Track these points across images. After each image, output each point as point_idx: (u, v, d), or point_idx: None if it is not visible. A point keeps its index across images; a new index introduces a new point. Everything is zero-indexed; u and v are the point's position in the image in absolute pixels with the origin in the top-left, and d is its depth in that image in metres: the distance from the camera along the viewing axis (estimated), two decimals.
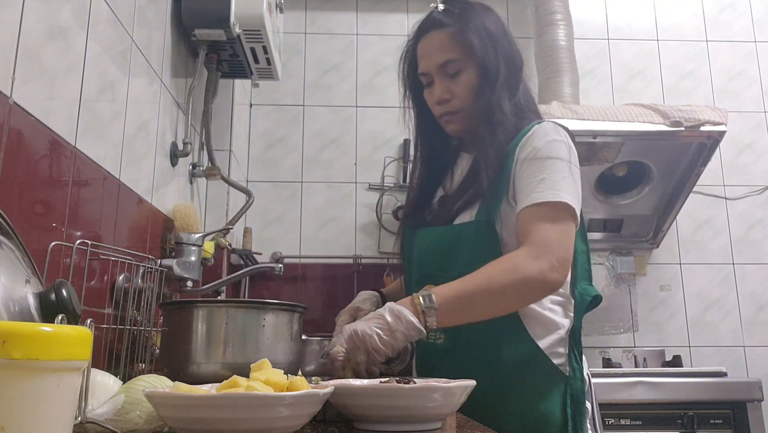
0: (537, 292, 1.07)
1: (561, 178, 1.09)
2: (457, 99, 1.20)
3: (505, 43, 1.21)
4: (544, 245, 1.04)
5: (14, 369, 0.43)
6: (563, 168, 1.10)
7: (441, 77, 1.21)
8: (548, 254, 1.03)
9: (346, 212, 2.62)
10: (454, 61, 1.19)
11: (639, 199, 2.49)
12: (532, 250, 1.03)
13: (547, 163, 1.10)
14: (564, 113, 2.15)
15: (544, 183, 1.08)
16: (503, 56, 1.19)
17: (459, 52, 1.18)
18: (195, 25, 1.69)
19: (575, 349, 1.13)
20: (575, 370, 1.11)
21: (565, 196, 1.07)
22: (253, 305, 1.00)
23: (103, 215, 1.23)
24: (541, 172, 1.09)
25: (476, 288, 1.02)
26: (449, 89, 1.20)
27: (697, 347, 2.54)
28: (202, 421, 0.59)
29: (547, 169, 1.09)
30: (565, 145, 1.13)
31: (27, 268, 0.66)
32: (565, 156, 1.11)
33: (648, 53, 2.80)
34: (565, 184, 1.08)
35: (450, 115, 1.22)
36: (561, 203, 1.07)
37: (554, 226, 1.06)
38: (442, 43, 1.19)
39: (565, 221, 1.07)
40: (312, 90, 2.71)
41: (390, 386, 0.75)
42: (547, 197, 1.07)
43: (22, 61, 0.93)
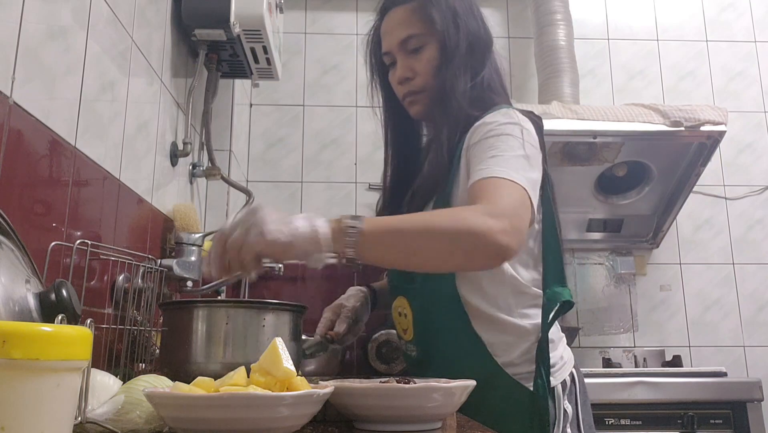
0: (483, 251, 0.89)
1: (512, 156, 0.98)
2: (419, 77, 1.13)
3: (470, 20, 1.14)
4: (500, 207, 0.91)
5: (14, 369, 0.43)
6: (515, 146, 1.00)
7: (402, 55, 1.14)
8: (502, 216, 0.89)
9: (346, 212, 2.61)
10: (415, 37, 1.12)
11: (639, 200, 2.49)
12: (485, 207, 0.91)
13: (498, 141, 1.00)
14: (564, 113, 2.15)
15: (495, 159, 0.98)
16: (466, 32, 1.12)
17: (420, 27, 1.12)
18: (195, 25, 1.69)
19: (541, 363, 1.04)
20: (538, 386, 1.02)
21: (516, 177, 0.96)
22: (253, 305, 1.00)
23: (103, 215, 1.23)
24: (492, 150, 0.99)
25: (415, 226, 0.89)
26: (411, 67, 1.14)
27: (697, 347, 2.54)
28: (202, 421, 0.59)
29: (498, 147, 0.99)
30: (517, 126, 1.03)
31: (27, 268, 0.66)
32: (517, 134, 1.01)
33: (648, 53, 2.80)
34: (516, 163, 0.98)
35: (413, 95, 1.15)
36: (513, 183, 0.95)
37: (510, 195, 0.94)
38: (404, 19, 1.14)
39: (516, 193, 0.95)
40: (312, 90, 2.71)
41: (390, 386, 0.75)
42: (496, 173, 0.96)
43: (22, 61, 0.93)
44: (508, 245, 0.89)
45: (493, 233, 0.87)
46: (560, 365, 1.09)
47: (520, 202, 0.95)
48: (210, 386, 0.62)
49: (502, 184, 0.95)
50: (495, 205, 0.91)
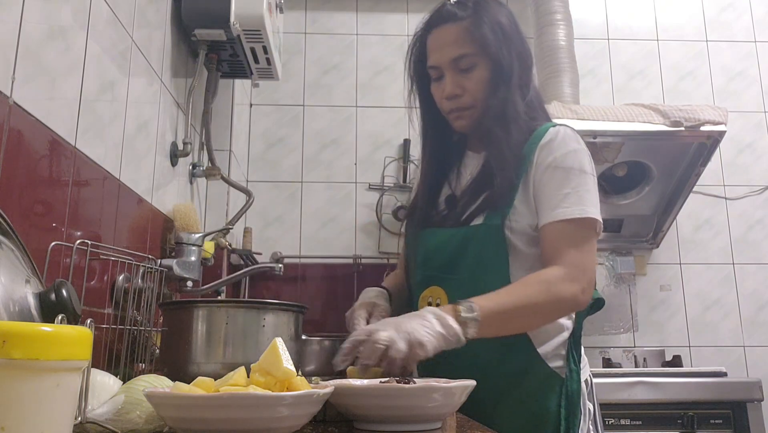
0: (567, 312, 1.11)
1: (586, 191, 1.09)
2: (468, 95, 1.17)
3: (518, 39, 1.19)
4: (577, 268, 1.05)
5: (14, 369, 0.43)
6: (588, 181, 1.10)
7: (452, 72, 1.17)
8: (581, 277, 1.05)
9: (346, 212, 2.62)
10: (467, 56, 1.15)
11: (639, 199, 2.49)
12: (566, 272, 1.05)
13: (572, 175, 1.09)
14: (564, 113, 2.15)
15: (570, 198, 1.08)
16: (516, 53, 1.17)
17: (473, 47, 1.15)
18: (195, 25, 1.69)
19: (574, 351, 1.13)
20: (572, 372, 1.11)
21: (591, 211, 1.08)
22: (253, 305, 1.00)
23: (103, 215, 1.23)
24: (567, 185, 1.09)
25: (515, 305, 1.02)
26: (460, 84, 1.17)
27: (697, 347, 2.54)
28: (202, 421, 0.59)
29: (573, 182, 1.09)
30: (587, 155, 1.13)
31: (27, 268, 0.66)
32: (589, 168, 1.12)
33: (648, 53, 2.80)
34: (590, 198, 1.09)
35: (460, 111, 1.19)
36: (588, 220, 1.08)
37: (584, 247, 1.07)
38: (456, 37, 1.15)
39: (591, 239, 1.09)
40: (312, 90, 2.71)
41: (390, 386, 0.75)
42: (574, 213, 1.07)
43: (22, 61, 0.93)
44: (586, 301, 1.07)
45: (577, 297, 1.05)
46: (583, 365, 1.15)
47: (592, 249, 1.09)
48: (210, 386, 0.62)
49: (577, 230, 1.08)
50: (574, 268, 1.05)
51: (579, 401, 1.09)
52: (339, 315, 1.24)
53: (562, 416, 1.08)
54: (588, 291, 1.06)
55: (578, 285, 1.05)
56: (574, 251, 1.07)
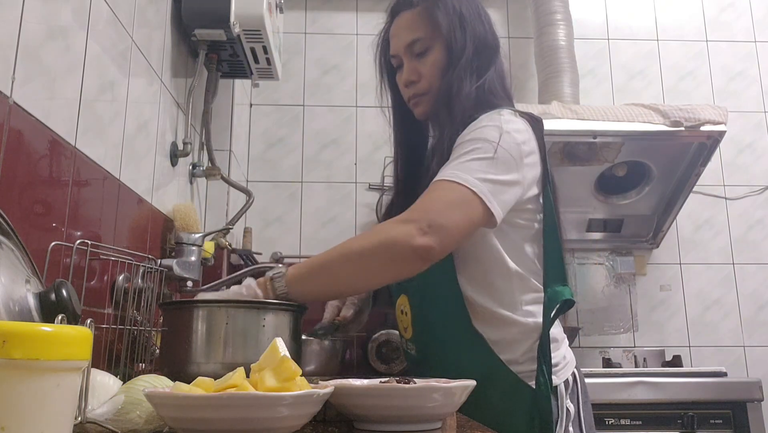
0: (403, 257, 0.93)
1: (472, 159, 0.99)
2: (424, 80, 1.15)
3: (477, 24, 1.16)
4: (417, 211, 0.94)
5: (14, 369, 0.43)
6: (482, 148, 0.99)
7: (408, 58, 1.16)
8: (418, 219, 0.92)
9: (346, 212, 2.62)
10: (421, 40, 1.15)
11: (639, 199, 2.49)
12: (402, 216, 0.95)
13: (469, 144, 1.01)
14: (564, 113, 2.15)
15: (452, 163, 0.99)
16: (472, 36, 1.13)
17: (426, 31, 1.14)
18: (195, 25, 1.69)
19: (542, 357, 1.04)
20: (540, 384, 1.03)
21: (464, 178, 0.96)
22: (253, 305, 1.00)
23: (103, 215, 1.23)
24: (455, 153, 1.01)
25: (333, 256, 0.96)
26: (416, 70, 1.16)
27: (697, 347, 2.54)
28: (202, 421, 0.59)
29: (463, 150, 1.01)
30: (495, 128, 1.02)
31: (27, 268, 0.66)
32: (490, 137, 1.00)
33: (648, 53, 2.80)
34: (473, 165, 0.98)
35: (417, 97, 1.17)
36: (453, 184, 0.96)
37: (437, 195, 0.96)
38: (410, 23, 1.17)
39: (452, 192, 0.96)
40: (312, 90, 2.71)
41: (390, 386, 0.75)
42: (444, 176, 0.97)
43: (22, 61, 0.93)
44: (426, 244, 0.91)
45: (407, 237, 0.91)
46: (563, 365, 1.10)
47: (449, 201, 0.95)
48: (210, 386, 0.62)
49: (439, 187, 0.97)
50: (410, 211, 0.94)
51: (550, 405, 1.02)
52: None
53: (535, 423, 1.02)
54: (431, 235, 0.91)
55: (413, 225, 0.91)
56: (423, 198, 0.96)
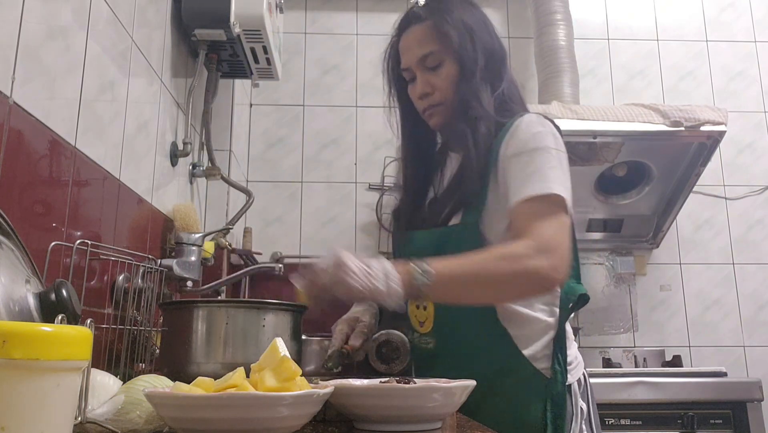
0: (535, 288, 1.04)
1: (549, 168, 1.06)
2: (438, 92, 1.19)
3: (484, 34, 1.19)
4: (546, 242, 1.00)
5: (14, 369, 0.43)
6: (550, 159, 1.07)
7: (421, 71, 1.19)
8: (550, 252, 0.99)
9: (346, 212, 2.62)
10: (433, 54, 1.17)
11: (639, 199, 2.49)
12: (536, 245, 0.99)
13: (535, 154, 1.07)
14: (564, 113, 2.15)
15: (534, 177, 1.05)
16: (482, 48, 1.17)
17: (437, 45, 1.17)
18: (195, 25, 1.69)
19: (559, 352, 1.10)
20: (556, 373, 1.08)
21: (555, 188, 1.04)
22: (253, 305, 1.00)
23: (103, 215, 1.23)
24: (530, 165, 1.06)
25: (476, 273, 0.99)
26: (430, 82, 1.19)
27: (697, 347, 2.54)
28: (202, 421, 0.59)
29: (535, 162, 1.06)
30: (550, 134, 1.10)
31: (27, 268, 0.66)
32: (552, 145, 1.08)
33: (648, 53, 2.80)
34: (554, 174, 1.06)
35: (432, 108, 1.21)
36: (553, 195, 1.04)
37: (551, 222, 1.02)
38: (421, 37, 1.19)
39: (559, 214, 1.04)
40: (312, 90, 2.71)
41: (390, 386, 0.75)
42: (537, 190, 1.04)
43: (22, 61, 0.93)
44: (556, 280, 1.01)
45: (546, 271, 0.98)
46: (575, 364, 1.14)
47: (563, 225, 1.04)
48: (210, 386, 0.62)
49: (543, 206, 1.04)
50: (543, 239, 1.00)
51: (565, 403, 1.07)
52: (339, 315, 1.24)
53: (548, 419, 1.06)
54: (561, 270, 1.00)
55: (549, 261, 0.98)
56: (543, 225, 1.02)
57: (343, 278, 0.91)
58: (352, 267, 0.92)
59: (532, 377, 1.08)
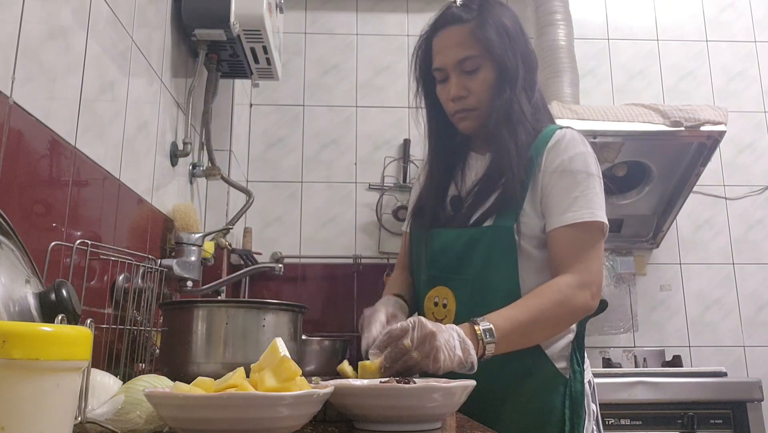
0: (580, 319, 1.12)
1: (594, 194, 1.10)
2: (473, 96, 1.18)
3: (521, 41, 1.19)
4: (587, 273, 1.08)
5: (14, 369, 0.43)
6: (595, 184, 1.11)
7: (457, 73, 1.18)
8: (591, 283, 1.08)
9: (346, 212, 2.62)
10: (472, 58, 1.16)
11: (639, 199, 2.49)
12: (577, 279, 1.07)
13: (580, 177, 1.11)
14: (564, 113, 2.15)
15: (579, 201, 1.10)
16: (521, 55, 1.17)
17: (477, 49, 1.16)
18: (195, 25, 1.69)
19: (578, 352, 1.14)
20: (576, 372, 1.12)
21: (599, 215, 1.10)
22: (253, 305, 1.00)
23: (103, 215, 1.23)
24: (575, 189, 1.10)
25: (531, 321, 1.03)
26: (466, 86, 1.18)
27: (697, 347, 2.54)
28: (202, 421, 0.59)
29: (581, 186, 1.10)
30: (593, 157, 1.14)
31: (27, 268, 0.66)
32: (595, 171, 1.13)
33: (648, 53, 2.80)
34: (598, 201, 1.11)
35: (465, 112, 1.20)
36: (597, 223, 1.09)
37: (593, 251, 1.09)
38: (461, 39, 1.16)
39: (599, 242, 1.11)
40: (312, 90, 2.71)
41: (390, 386, 0.75)
42: (584, 217, 1.09)
43: (22, 61, 0.93)
44: (595, 306, 1.10)
45: (588, 303, 1.08)
46: (586, 366, 1.16)
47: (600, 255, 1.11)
48: (210, 386, 0.62)
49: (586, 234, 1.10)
50: (584, 274, 1.08)
51: (583, 401, 1.10)
52: (339, 315, 1.24)
53: (566, 417, 1.08)
54: (597, 296, 1.09)
55: (589, 292, 1.07)
56: (585, 256, 1.09)
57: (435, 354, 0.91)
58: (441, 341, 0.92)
59: (554, 377, 1.11)
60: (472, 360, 0.95)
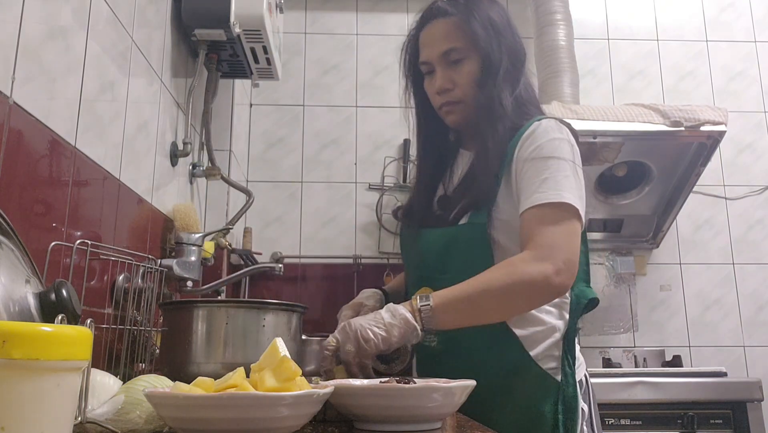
0: (542, 295, 1.04)
1: (563, 177, 1.06)
2: (458, 89, 1.17)
3: (508, 35, 1.18)
4: (549, 248, 1.01)
5: (14, 369, 0.43)
6: (566, 167, 1.07)
7: (442, 66, 1.17)
8: (553, 256, 1.00)
9: (346, 212, 2.62)
10: (456, 50, 1.16)
11: (639, 199, 2.49)
12: (535, 253, 1.01)
13: (550, 162, 1.07)
14: (564, 113, 2.15)
15: (547, 183, 1.05)
16: (506, 48, 1.16)
17: (462, 41, 1.15)
18: (195, 25, 1.69)
19: (568, 353, 1.11)
20: (567, 375, 1.09)
21: (567, 196, 1.04)
22: (253, 305, 1.00)
23: (103, 215, 1.23)
24: (544, 172, 1.06)
25: (475, 290, 1.00)
26: (451, 78, 1.17)
27: (697, 347, 2.54)
28: (202, 421, 0.59)
29: (550, 169, 1.06)
30: (567, 143, 1.10)
31: (27, 268, 0.66)
32: (567, 155, 1.08)
33: (648, 53, 2.80)
34: (567, 183, 1.06)
35: (450, 105, 1.19)
36: (564, 204, 1.04)
37: (558, 227, 1.03)
38: (446, 32, 1.17)
39: (570, 221, 1.04)
40: (312, 90, 2.71)
41: (390, 386, 0.75)
42: (549, 198, 1.04)
43: (22, 61, 0.93)
44: (562, 283, 1.00)
45: (549, 277, 0.99)
46: (578, 364, 1.13)
47: (570, 231, 1.03)
48: (210, 386, 0.62)
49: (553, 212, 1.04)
50: (544, 247, 1.01)
51: (577, 404, 1.08)
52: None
53: (559, 421, 1.06)
54: (565, 273, 1.00)
55: (549, 265, 0.99)
56: (547, 232, 1.02)
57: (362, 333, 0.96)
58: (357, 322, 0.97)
59: (543, 378, 1.09)
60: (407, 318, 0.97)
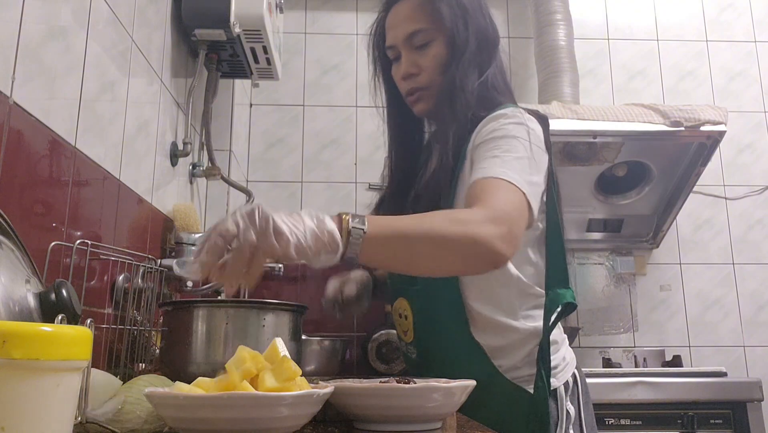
0: (481, 258, 0.87)
1: (514, 158, 0.96)
2: (424, 73, 1.10)
3: (478, 16, 1.11)
4: (503, 212, 0.89)
5: (14, 369, 0.43)
6: (518, 147, 0.97)
7: (408, 49, 1.11)
8: (504, 222, 0.87)
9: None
10: (421, 32, 1.09)
11: (639, 200, 2.49)
12: (488, 213, 0.88)
13: (503, 141, 0.98)
14: (564, 113, 2.15)
15: (496, 160, 0.96)
16: (474, 29, 1.09)
17: (427, 22, 1.09)
18: (195, 25, 1.69)
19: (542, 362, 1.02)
20: (539, 388, 1.01)
21: (514, 177, 0.93)
22: (253, 305, 1.00)
23: (103, 215, 1.23)
24: (495, 150, 0.97)
25: (415, 232, 0.84)
26: (416, 63, 1.10)
27: (697, 347, 2.54)
28: (202, 421, 0.59)
29: (501, 147, 0.97)
30: (523, 126, 1.01)
31: (27, 268, 0.66)
32: (521, 135, 0.99)
33: (648, 53, 2.80)
34: (518, 165, 0.95)
35: (417, 92, 1.12)
36: (512, 185, 0.93)
37: (509, 200, 0.91)
38: (410, 13, 1.10)
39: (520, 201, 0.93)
40: (312, 90, 2.71)
41: (390, 386, 0.75)
42: (499, 174, 0.93)
43: (22, 61, 0.93)
44: (504, 252, 0.87)
45: (493, 239, 0.85)
46: (563, 366, 1.09)
47: (518, 207, 0.92)
48: (210, 386, 0.62)
49: (502, 186, 0.93)
50: (495, 210, 0.89)
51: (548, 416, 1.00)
52: None
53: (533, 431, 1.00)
54: (510, 242, 0.87)
55: (498, 228, 0.86)
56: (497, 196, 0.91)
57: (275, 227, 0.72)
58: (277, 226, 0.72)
59: (513, 393, 1.03)
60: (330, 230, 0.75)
